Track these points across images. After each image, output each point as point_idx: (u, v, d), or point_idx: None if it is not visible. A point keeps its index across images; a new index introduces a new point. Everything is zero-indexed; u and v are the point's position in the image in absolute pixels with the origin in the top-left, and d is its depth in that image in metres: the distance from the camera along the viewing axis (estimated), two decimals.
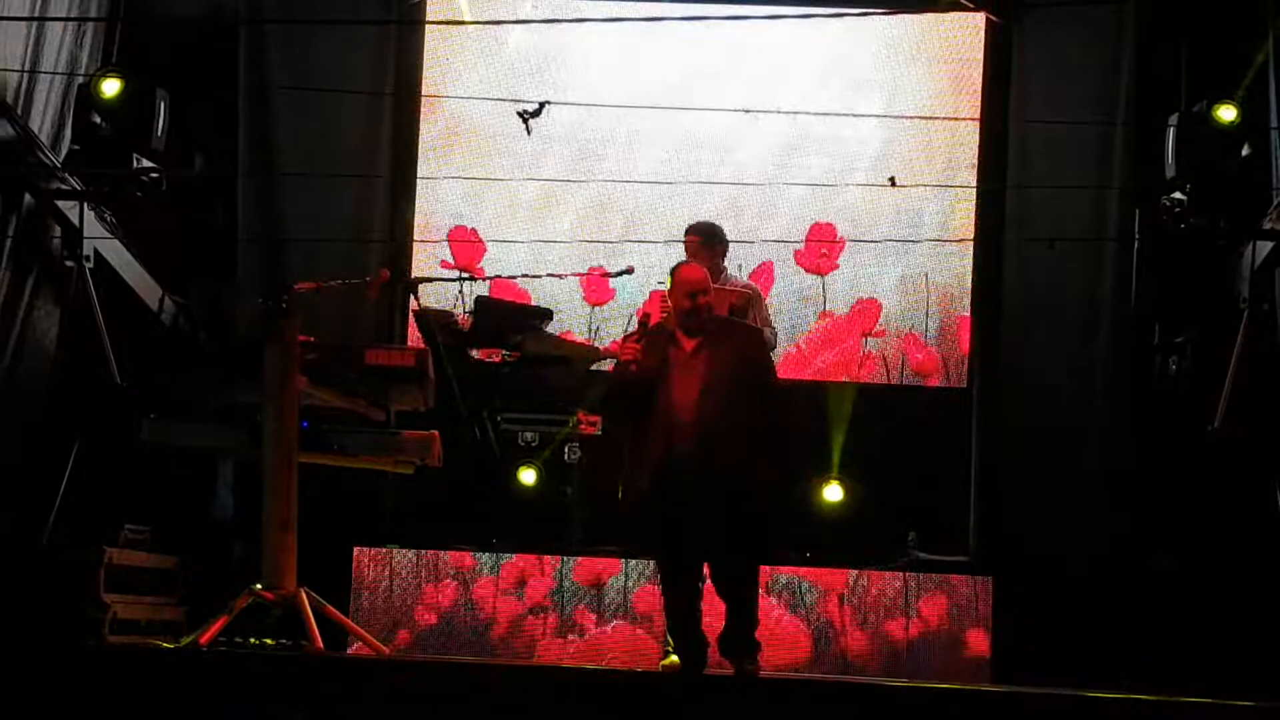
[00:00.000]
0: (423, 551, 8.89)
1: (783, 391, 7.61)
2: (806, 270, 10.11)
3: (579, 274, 9.71)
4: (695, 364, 7.21)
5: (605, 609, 8.79)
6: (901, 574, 8.91)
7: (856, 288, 10.09)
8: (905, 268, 10.04)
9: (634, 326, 9.64)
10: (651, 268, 9.21)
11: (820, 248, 10.06)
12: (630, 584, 8.79)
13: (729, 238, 8.66)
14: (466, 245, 10.13)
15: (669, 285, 7.40)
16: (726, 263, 8.67)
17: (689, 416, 7.12)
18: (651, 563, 8.56)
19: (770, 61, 10.06)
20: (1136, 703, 6.75)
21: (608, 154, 10.11)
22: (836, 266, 10.10)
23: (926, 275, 10.04)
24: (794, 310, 10.07)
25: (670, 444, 7.10)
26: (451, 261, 10.11)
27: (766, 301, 9.26)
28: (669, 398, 7.16)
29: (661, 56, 10.04)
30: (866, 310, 10.09)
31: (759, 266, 10.02)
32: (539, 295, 9.72)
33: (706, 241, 8.41)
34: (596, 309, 10.06)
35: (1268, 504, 8.40)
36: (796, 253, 10.06)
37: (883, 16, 9.96)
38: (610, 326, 10.02)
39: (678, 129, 9.98)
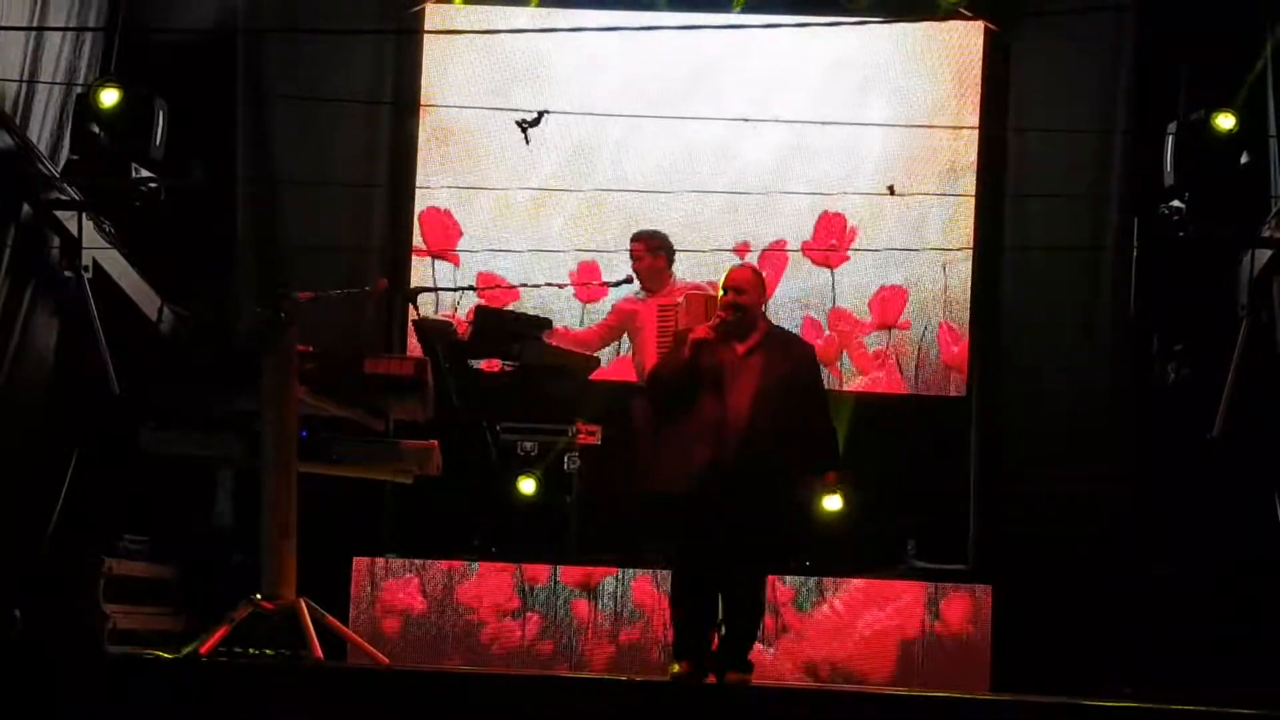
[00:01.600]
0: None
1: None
2: (816, 263, 10.08)
3: (580, 283, 9.72)
4: (749, 369, 7.11)
5: (599, 610, 8.77)
6: (902, 581, 8.91)
7: (867, 283, 10.04)
8: (910, 270, 10.02)
9: None
10: None
11: (829, 239, 10.00)
12: (623, 586, 8.78)
13: (732, 239, 8.66)
14: (440, 230, 10.10)
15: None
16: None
17: (739, 423, 7.01)
18: (648, 562, 8.59)
19: (772, 64, 10.06)
20: (1137, 711, 6.75)
21: (605, 154, 10.09)
22: (847, 258, 10.06)
23: (944, 267, 10.00)
24: (801, 310, 10.01)
25: (716, 451, 6.99)
26: (424, 247, 10.08)
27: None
28: (719, 401, 7.05)
29: (663, 58, 10.03)
30: (890, 300, 10.04)
31: (773, 244, 9.96)
32: (530, 292, 9.71)
33: (649, 250, 8.89)
34: (589, 305, 10.03)
35: (1267, 512, 8.40)
36: (805, 244, 10.02)
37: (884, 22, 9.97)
38: None
39: (678, 130, 9.92)
